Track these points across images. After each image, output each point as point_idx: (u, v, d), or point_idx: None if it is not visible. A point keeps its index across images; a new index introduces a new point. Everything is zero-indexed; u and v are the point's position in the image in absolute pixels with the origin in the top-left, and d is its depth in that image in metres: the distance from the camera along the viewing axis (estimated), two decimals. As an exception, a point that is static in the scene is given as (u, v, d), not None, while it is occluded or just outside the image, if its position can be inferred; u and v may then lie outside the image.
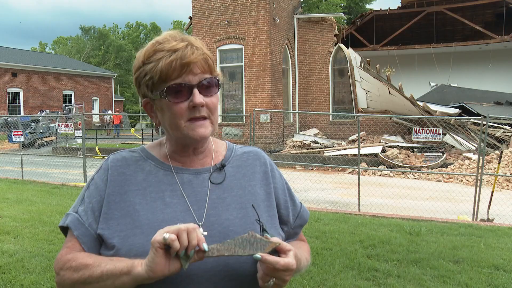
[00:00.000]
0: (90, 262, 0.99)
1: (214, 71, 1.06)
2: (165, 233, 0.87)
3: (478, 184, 7.21)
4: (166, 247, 0.87)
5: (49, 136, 21.32)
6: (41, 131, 20.74)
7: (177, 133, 1.05)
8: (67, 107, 28.27)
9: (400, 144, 14.24)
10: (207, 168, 1.13)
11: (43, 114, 22.48)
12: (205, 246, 0.89)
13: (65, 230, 1.11)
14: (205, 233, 1.01)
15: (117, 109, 39.38)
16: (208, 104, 1.04)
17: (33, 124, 20.13)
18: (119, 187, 1.08)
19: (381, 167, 12.66)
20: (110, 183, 1.08)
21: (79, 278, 0.98)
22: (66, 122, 23.72)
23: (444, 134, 12.41)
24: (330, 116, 19.04)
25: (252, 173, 1.16)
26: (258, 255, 0.92)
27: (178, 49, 1.01)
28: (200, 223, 1.03)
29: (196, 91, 1.02)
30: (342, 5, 36.87)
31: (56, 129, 18.27)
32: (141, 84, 1.06)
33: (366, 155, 13.49)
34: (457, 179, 11.40)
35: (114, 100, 39.88)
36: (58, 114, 24.05)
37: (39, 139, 20.19)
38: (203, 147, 1.13)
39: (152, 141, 1.26)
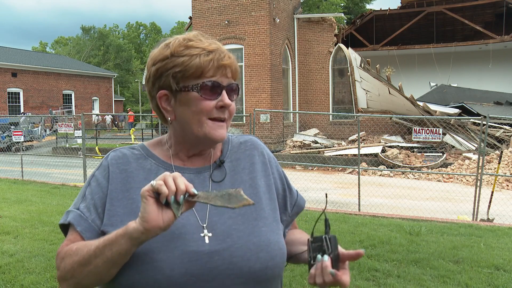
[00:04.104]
0: (89, 242, 0.98)
1: (236, 80, 1.11)
2: (152, 181, 0.87)
3: (478, 184, 7.21)
4: (156, 195, 0.87)
5: (30, 141, 20.19)
6: None
7: (197, 130, 1.05)
8: (53, 111, 28.10)
9: (400, 144, 14.24)
10: (207, 166, 1.13)
11: (23, 117, 21.33)
12: (193, 189, 0.89)
13: (65, 228, 1.09)
14: (210, 234, 1.02)
15: (128, 108, 40.11)
16: (230, 108, 1.07)
17: (12, 127, 19.17)
18: (121, 184, 1.07)
19: (381, 167, 12.66)
20: (112, 180, 1.07)
21: (78, 259, 0.96)
22: (52, 127, 23.60)
23: (444, 134, 12.41)
24: (330, 116, 19.04)
25: (251, 164, 1.17)
26: (332, 271, 0.92)
27: (213, 50, 1.05)
28: (204, 225, 1.03)
29: (225, 92, 1.06)
30: (342, 5, 36.88)
31: (56, 130, 18.02)
32: (164, 75, 1.05)
33: (366, 155, 13.49)
34: (457, 179, 11.40)
35: (114, 100, 39.89)
36: (42, 117, 23.33)
37: (18, 143, 19.46)
38: (208, 150, 1.14)
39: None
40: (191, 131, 1.06)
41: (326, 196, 1.14)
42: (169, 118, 1.09)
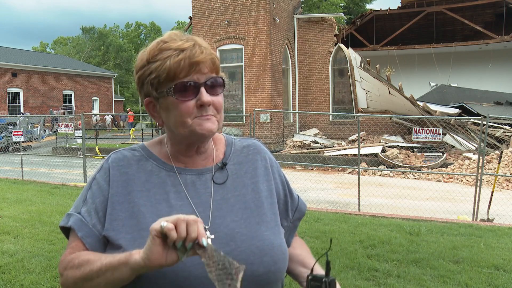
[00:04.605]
0: (92, 258, 0.98)
1: (219, 72, 1.07)
2: (163, 222, 0.84)
3: (478, 184, 7.21)
4: (164, 236, 0.84)
5: (28, 141, 19.74)
6: None
7: (183, 131, 1.04)
8: (54, 111, 28.16)
9: (400, 144, 14.23)
10: (209, 168, 1.12)
11: (21, 117, 20.74)
12: (204, 241, 0.85)
13: (66, 230, 1.09)
14: (212, 236, 1.01)
15: (128, 109, 40.26)
16: (214, 103, 1.04)
17: (10, 127, 19.02)
18: (122, 187, 1.06)
19: (381, 167, 12.66)
20: (113, 183, 1.07)
21: (81, 275, 0.97)
22: (53, 127, 23.45)
23: (444, 134, 12.41)
24: (330, 116, 19.04)
25: (254, 168, 1.16)
26: None
27: (185, 48, 1.00)
28: (206, 226, 1.02)
29: (203, 89, 1.02)
30: (342, 5, 36.89)
31: (57, 130, 17.96)
32: (145, 83, 1.05)
33: (366, 155, 13.49)
34: (457, 179, 11.40)
35: (114, 100, 39.89)
36: (41, 117, 23.08)
37: (15, 144, 18.52)
38: (205, 147, 1.12)
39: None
40: (179, 133, 1.05)
41: (331, 242, 1.12)
42: (157, 124, 1.10)
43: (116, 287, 0.95)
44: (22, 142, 13.34)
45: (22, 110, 30.36)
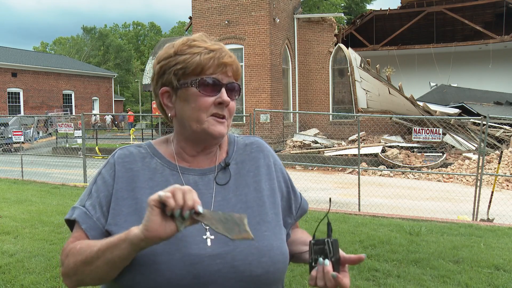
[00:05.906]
0: (92, 243, 0.99)
1: (238, 80, 1.12)
2: (160, 191, 0.86)
3: (478, 184, 7.21)
4: (162, 206, 0.85)
5: (22, 142, 19.76)
6: (9, 135, 18.03)
7: (196, 126, 1.06)
8: (49, 113, 28.12)
9: (400, 144, 14.23)
10: (212, 167, 1.13)
11: (14, 118, 20.46)
12: (200, 208, 0.86)
13: (70, 223, 1.11)
14: (212, 237, 1.02)
15: (128, 108, 40.30)
16: (229, 106, 1.08)
17: (1, 127, 18.96)
18: (126, 183, 1.08)
19: (381, 167, 12.66)
20: (118, 179, 1.08)
21: (81, 259, 0.98)
22: (47, 129, 23.31)
23: (444, 134, 12.41)
24: (330, 116, 19.05)
25: (257, 167, 1.17)
26: (334, 274, 0.94)
27: (215, 49, 1.08)
28: (206, 227, 1.03)
29: (224, 90, 1.07)
30: (342, 5, 36.87)
31: (56, 130, 17.83)
32: (167, 72, 1.08)
33: (366, 155, 13.48)
34: (457, 179, 11.40)
35: (114, 100, 39.88)
36: (35, 117, 22.77)
37: (6, 145, 18.24)
38: (212, 148, 1.14)
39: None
40: (190, 127, 1.07)
41: (330, 201, 1.16)
42: (169, 115, 1.11)
43: (115, 270, 0.96)
44: (14, 143, 12.96)
45: (22, 110, 30.36)
